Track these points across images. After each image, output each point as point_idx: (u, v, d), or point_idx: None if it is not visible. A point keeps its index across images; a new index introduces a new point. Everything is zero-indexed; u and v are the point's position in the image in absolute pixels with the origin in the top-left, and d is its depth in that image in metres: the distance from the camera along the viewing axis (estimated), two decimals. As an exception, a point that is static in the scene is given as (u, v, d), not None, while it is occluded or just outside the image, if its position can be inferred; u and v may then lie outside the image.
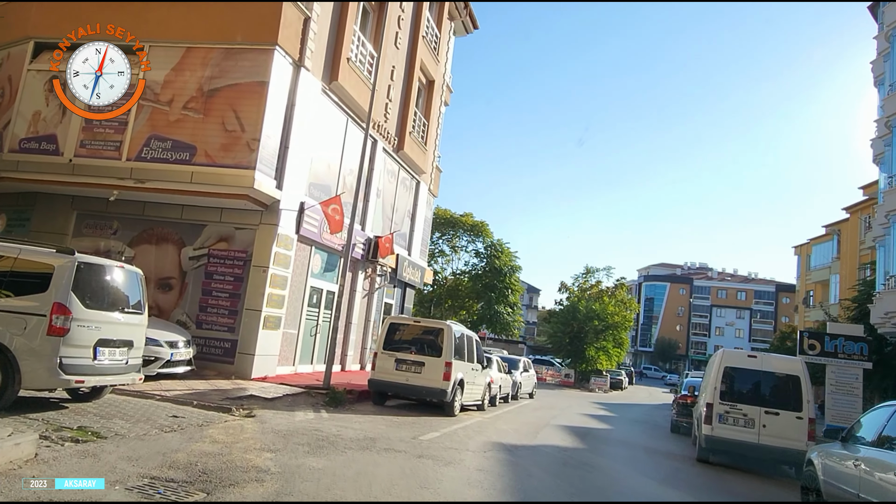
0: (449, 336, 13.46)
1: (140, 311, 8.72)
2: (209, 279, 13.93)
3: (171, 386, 11.15)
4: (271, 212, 13.72)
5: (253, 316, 13.43)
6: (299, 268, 15.17)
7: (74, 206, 14.80)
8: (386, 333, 13.79)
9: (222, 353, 13.56)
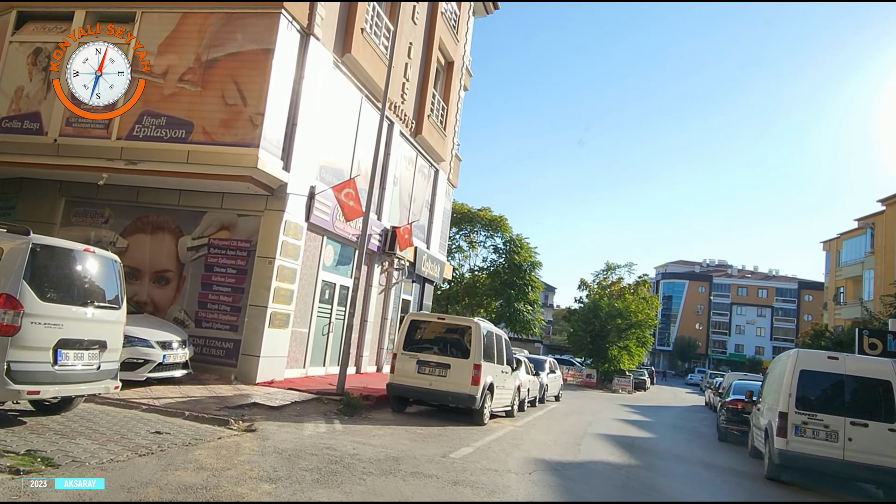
0: (477, 335, 11.95)
1: (117, 305, 7.26)
2: (209, 272, 12.50)
3: (163, 392, 9.71)
4: (278, 197, 12.26)
5: (258, 313, 11.97)
6: (309, 260, 13.70)
7: (62, 192, 13.43)
8: (406, 332, 12.30)
9: (224, 354, 12.12)
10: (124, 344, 9.49)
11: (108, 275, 7.18)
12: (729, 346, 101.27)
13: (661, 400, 37.23)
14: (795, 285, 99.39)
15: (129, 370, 9.64)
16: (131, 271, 12.82)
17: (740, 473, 10.80)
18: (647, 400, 35.00)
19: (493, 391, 12.55)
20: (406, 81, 17.70)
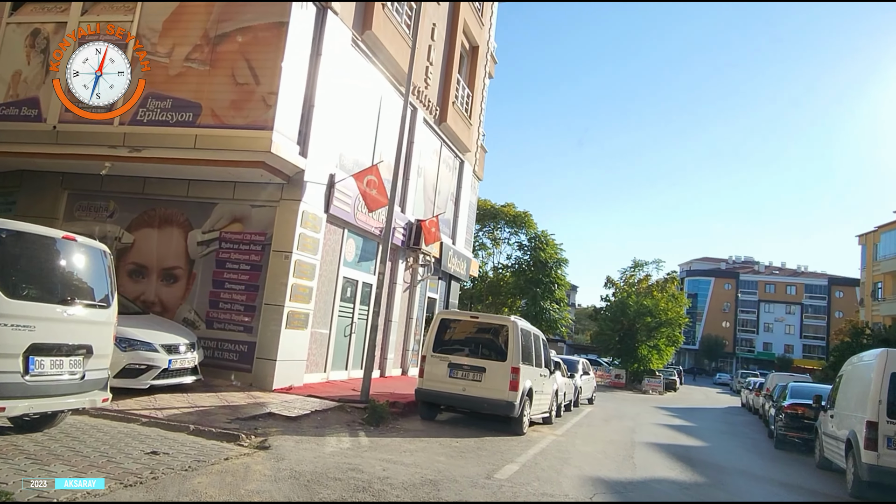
0: (514, 334, 10.78)
1: (106, 303, 6.21)
2: (221, 268, 11.47)
3: (168, 402, 8.68)
4: (294, 185, 11.20)
5: (274, 312, 10.92)
6: (329, 254, 12.63)
7: (65, 184, 12.50)
8: (436, 332, 11.16)
9: (237, 358, 11.08)
10: (125, 347, 8.59)
11: (96, 268, 6.13)
12: (757, 344, 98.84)
13: (694, 401, 35.74)
14: (825, 281, 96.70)
15: (129, 377, 8.64)
16: (138, 269, 11.87)
17: (820, 494, 9.48)
18: (680, 401, 33.55)
19: (532, 397, 11.37)
20: (430, 65, 16.57)
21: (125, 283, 11.81)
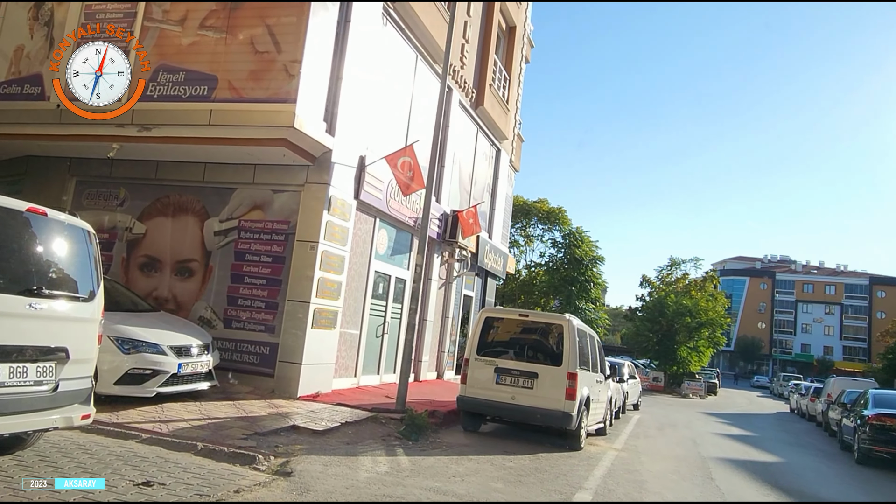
0: (570, 335, 9.42)
1: (87, 295, 5.00)
2: (240, 261, 10.30)
3: (176, 413, 7.50)
4: (321, 168, 9.98)
5: (298, 310, 9.70)
6: (360, 246, 11.39)
7: (72, 170, 11.46)
8: (480, 332, 9.85)
9: (258, 361, 9.89)
10: (128, 349, 7.46)
11: (75, 251, 4.94)
12: (795, 345, 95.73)
13: (739, 406, 33.88)
14: (867, 281, 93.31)
15: (132, 384, 7.49)
16: (150, 262, 10.76)
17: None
18: (725, 406, 31.76)
19: (589, 406, 10.01)
20: (465, 43, 15.28)
21: (136, 278, 10.75)
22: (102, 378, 7.32)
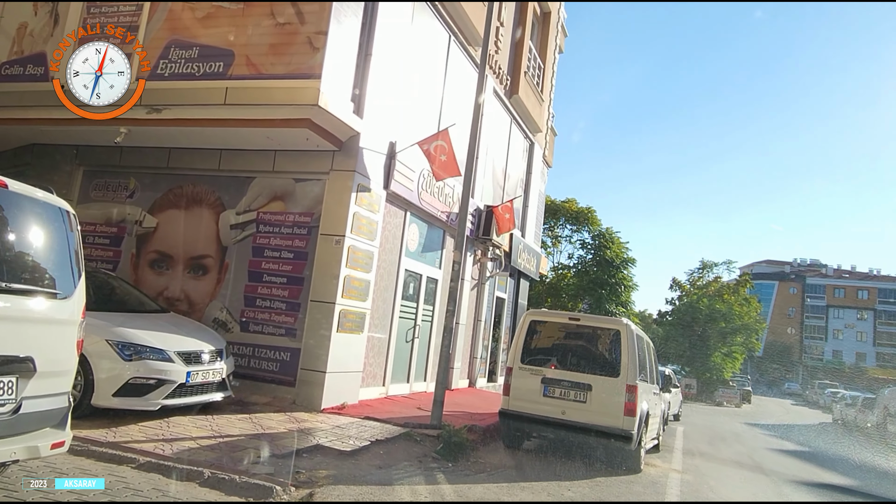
0: (629, 342, 8.31)
1: (65, 293, 4.00)
2: (259, 257, 9.33)
3: (184, 429, 6.51)
4: (348, 153, 8.98)
5: (322, 312, 8.69)
6: (389, 241, 10.37)
7: (79, 159, 10.59)
8: (525, 337, 8.77)
9: (278, 368, 8.90)
10: (129, 356, 6.50)
11: (48, 236, 3.94)
12: (826, 351, 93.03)
13: (778, 416, 32.33)
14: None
15: (134, 395, 6.53)
16: (161, 258, 9.83)
17: None
18: (763, 415, 30.33)
19: (648, 422, 8.88)
20: (500, 26, 14.21)
21: (146, 276, 9.83)
22: (100, 388, 6.41)
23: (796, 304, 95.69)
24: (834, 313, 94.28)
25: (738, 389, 39.32)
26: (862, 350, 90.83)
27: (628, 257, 33.98)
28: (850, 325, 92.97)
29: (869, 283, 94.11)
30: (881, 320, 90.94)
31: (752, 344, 41.07)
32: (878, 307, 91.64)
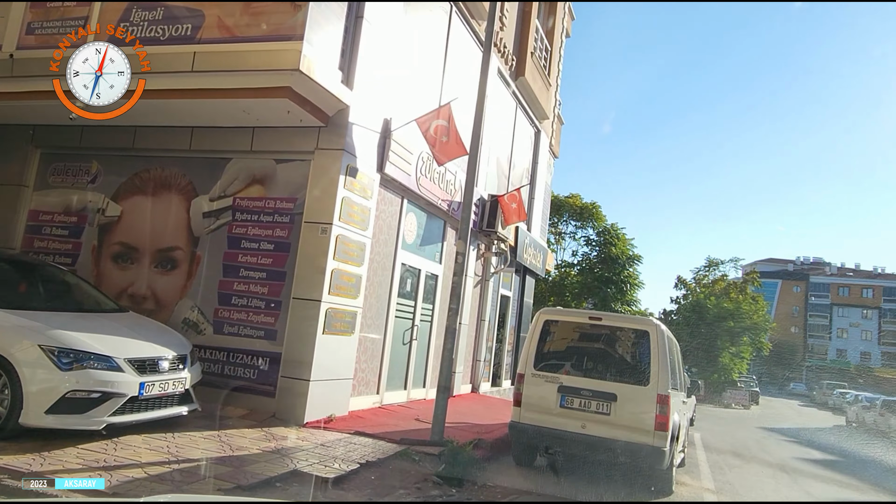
0: (660, 345, 7.19)
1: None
2: (235, 248, 8.20)
3: (133, 453, 5.39)
4: (335, 130, 7.85)
5: (307, 310, 7.57)
6: (384, 232, 9.25)
7: (36, 141, 9.45)
8: (538, 340, 7.64)
9: (255, 376, 7.77)
10: (68, 364, 5.39)
11: None
12: (830, 351, 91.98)
13: (790, 419, 31.23)
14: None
15: (72, 412, 5.40)
16: (125, 251, 8.71)
17: None
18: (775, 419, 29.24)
19: (679, 436, 7.78)
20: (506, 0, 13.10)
21: (109, 271, 8.71)
22: (30, 404, 5.29)
23: (800, 303, 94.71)
24: (838, 312, 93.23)
25: (747, 390, 38.20)
26: (867, 349, 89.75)
27: (634, 254, 32.95)
28: (855, 323, 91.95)
29: (873, 281, 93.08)
30: (886, 319, 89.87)
31: (761, 343, 40.00)
32: (883, 306, 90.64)
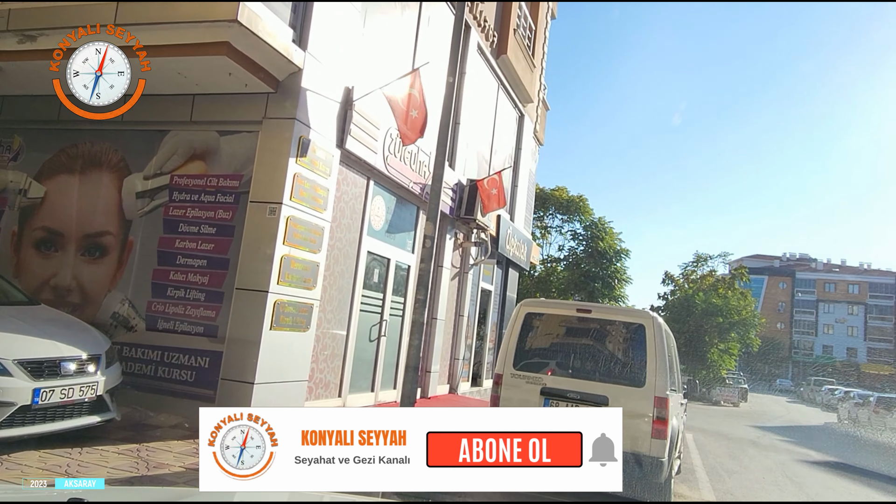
0: (657, 341, 6.28)
1: None
2: (172, 233, 7.18)
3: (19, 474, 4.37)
4: (286, 96, 6.85)
5: (251, 303, 6.56)
6: (347, 215, 8.25)
7: (-48, 113, 8.37)
8: (519, 335, 6.71)
9: (193, 378, 6.75)
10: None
11: None
12: (816, 347, 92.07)
13: (780, 416, 30.61)
14: (893, 279, 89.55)
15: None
16: (49, 237, 7.65)
17: None
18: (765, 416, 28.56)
19: (677, 443, 6.88)
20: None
21: (30, 259, 7.65)
22: None
23: (786, 299, 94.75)
24: (824, 308, 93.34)
25: (736, 387, 37.63)
26: (853, 345, 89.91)
27: (622, 248, 32.11)
28: (842, 319, 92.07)
29: (860, 277, 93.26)
30: (872, 315, 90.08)
31: (750, 340, 39.41)
32: (870, 302, 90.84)
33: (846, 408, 28.20)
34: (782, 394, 60.82)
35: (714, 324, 37.12)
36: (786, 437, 18.02)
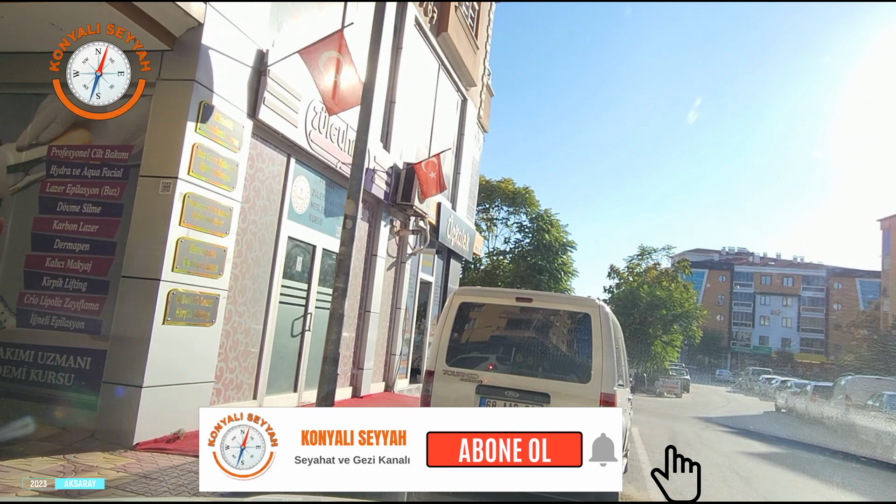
0: (605, 332, 5.66)
1: None
2: (49, 213, 6.16)
3: None
4: (184, 56, 5.93)
5: (139, 294, 5.62)
6: (263, 196, 7.36)
7: None
8: (453, 327, 5.99)
9: (71, 382, 5.78)
10: None
11: None
12: (753, 338, 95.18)
13: (721, 406, 30.98)
14: (823, 273, 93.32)
15: None
16: None
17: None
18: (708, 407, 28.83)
19: (625, 442, 6.29)
20: (423, -60, 11.36)
21: None
22: None
23: (725, 292, 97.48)
24: (761, 300, 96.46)
25: (678, 378, 38.08)
26: (787, 336, 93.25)
27: (568, 241, 31.92)
28: (777, 311, 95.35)
29: (794, 270, 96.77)
30: (805, 306, 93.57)
31: (693, 332, 39.95)
32: (802, 293, 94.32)
33: (784, 396, 28.70)
34: (722, 384, 62.32)
35: (658, 316, 37.46)
36: (727, 428, 17.96)
